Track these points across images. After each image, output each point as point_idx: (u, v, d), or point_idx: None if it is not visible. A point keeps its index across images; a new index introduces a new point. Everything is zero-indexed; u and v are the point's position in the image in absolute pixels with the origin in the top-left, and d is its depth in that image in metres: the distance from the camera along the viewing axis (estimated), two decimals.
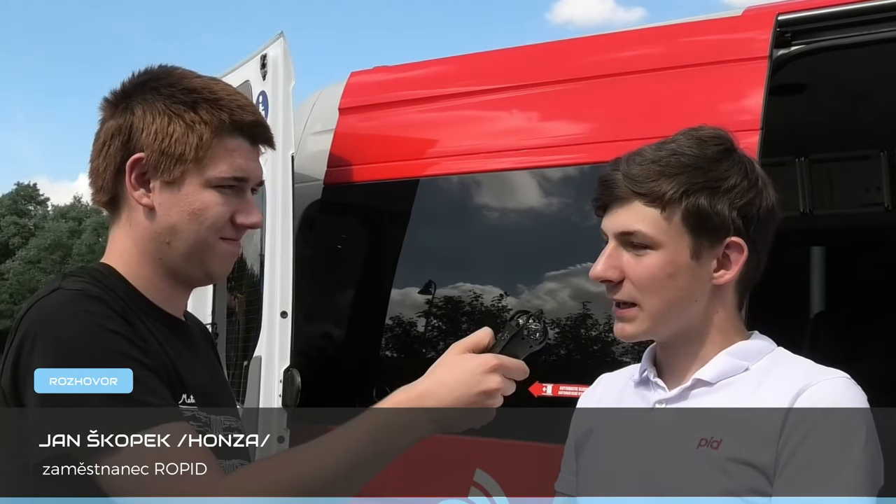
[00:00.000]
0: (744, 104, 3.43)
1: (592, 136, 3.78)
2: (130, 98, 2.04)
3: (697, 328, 2.04)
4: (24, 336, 1.89)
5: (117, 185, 2.04)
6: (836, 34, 3.45)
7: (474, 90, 4.22)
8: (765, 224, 2.03)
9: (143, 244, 2.04)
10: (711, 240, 1.98)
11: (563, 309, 3.74)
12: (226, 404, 2.16)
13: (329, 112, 4.50)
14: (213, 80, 2.10)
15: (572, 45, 4.22)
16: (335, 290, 4.42)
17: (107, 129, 2.05)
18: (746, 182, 2.00)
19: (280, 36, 4.25)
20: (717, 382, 2.00)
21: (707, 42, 3.73)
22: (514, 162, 3.95)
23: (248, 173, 2.05)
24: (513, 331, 1.89)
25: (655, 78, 3.70)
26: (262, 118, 2.14)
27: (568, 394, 3.51)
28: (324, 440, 1.84)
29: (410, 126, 4.31)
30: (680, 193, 1.96)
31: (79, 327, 1.87)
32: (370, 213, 4.41)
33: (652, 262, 1.98)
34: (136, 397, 1.82)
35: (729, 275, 2.00)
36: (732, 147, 2.05)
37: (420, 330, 4.07)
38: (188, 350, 2.09)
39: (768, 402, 1.91)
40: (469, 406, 1.84)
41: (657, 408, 2.05)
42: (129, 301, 1.98)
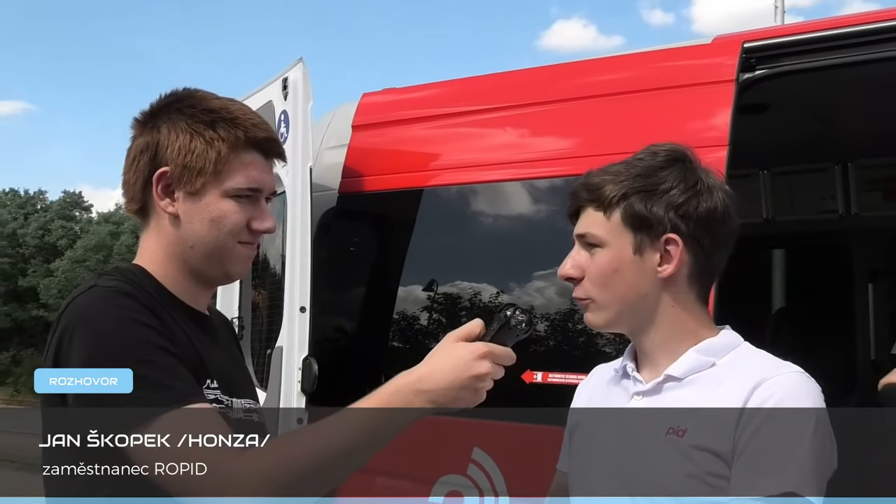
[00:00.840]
0: (713, 122, 3.41)
1: (576, 151, 3.77)
2: (157, 118, 2.05)
3: (653, 321, 2.04)
4: (65, 329, 1.90)
5: (146, 196, 2.05)
6: (795, 60, 3.44)
7: (472, 110, 4.22)
8: (707, 224, 2.01)
9: (170, 248, 2.05)
10: (650, 236, 1.99)
11: (551, 304, 3.73)
12: (246, 389, 2.16)
13: (343, 129, 4.49)
14: (230, 101, 2.10)
15: (558, 70, 4.21)
16: (348, 287, 4.42)
17: (136, 146, 2.06)
18: (683, 185, 2.00)
19: (300, 61, 4.25)
20: (685, 378, 2.00)
21: (680, 67, 3.71)
22: (506, 174, 3.94)
23: (262, 184, 2.05)
24: (501, 321, 1.90)
25: (633, 99, 3.69)
26: (275, 135, 2.14)
27: (556, 381, 3.50)
28: (333, 419, 1.84)
29: (415, 141, 4.31)
30: (619, 197, 1.99)
31: (113, 320, 1.87)
32: (379, 219, 4.40)
33: (601, 259, 2.01)
34: (164, 382, 1.83)
35: (670, 268, 2.00)
36: (682, 158, 2.05)
37: (423, 323, 4.07)
38: (211, 341, 2.09)
39: (729, 396, 1.92)
40: (461, 388, 1.84)
41: (634, 398, 2.06)
42: (158, 297, 1.99)
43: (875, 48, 3.29)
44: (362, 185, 4.32)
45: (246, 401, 2.10)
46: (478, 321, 1.90)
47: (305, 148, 4.12)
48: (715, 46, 3.64)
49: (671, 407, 1.98)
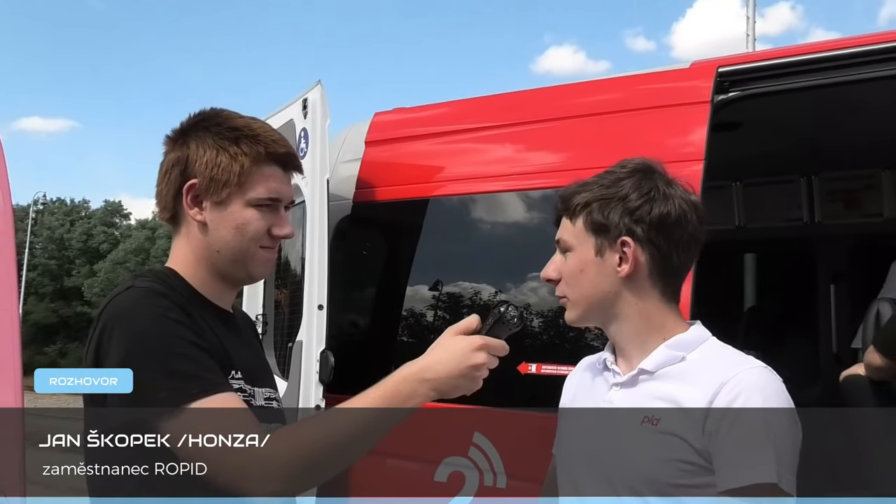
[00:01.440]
0: (690, 139, 3.41)
1: (566, 165, 3.77)
2: (186, 135, 2.06)
3: (618, 316, 2.05)
4: (105, 325, 1.91)
5: (177, 205, 2.05)
6: (764, 83, 3.45)
7: (472, 127, 4.22)
8: (660, 227, 2.01)
9: (198, 252, 2.05)
10: (608, 240, 2.01)
11: (543, 303, 3.73)
12: (266, 379, 2.16)
13: (357, 144, 4.50)
14: (253, 119, 2.11)
15: (550, 92, 4.22)
16: (361, 287, 4.42)
17: (168, 160, 2.06)
18: (637, 193, 2.01)
19: (318, 83, 4.25)
20: (657, 371, 2.00)
21: (661, 89, 3.71)
22: (503, 185, 3.94)
23: (281, 194, 2.06)
24: (496, 317, 1.92)
25: (618, 118, 3.70)
26: (293, 149, 2.14)
27: (549, 372, 3.50)
28: (346, 406, 1.86)
29: (422, 156, 4.31)
30: (582, 205, 2.02)
31: (148, 318, 1.88)
32: (390, 225, 4.41)
33: (570, 261, 2.05)
34: (194, 373, 1.84)
35: (627, 267, 2.01)
36: (644, 169, 2.06)
37: (429, 319, 4.07)
38: (235, 336, 2.09)
39: (698, 390, 1.92)
40: (461, 377, 1.86)
41: (613, 389, 2.06)
42: (188, 297, 2.00)
43: (836, 73, 3.29)
44: (374, 195, 4.33)
45: (266, 390, 2.11)
46: (475, 317, 1.92)
47: (323, 161, 4.12)
48: (692, 71, 3.64)
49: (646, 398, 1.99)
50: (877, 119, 4.45)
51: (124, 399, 1.84)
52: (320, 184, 4.09)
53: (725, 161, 3.96)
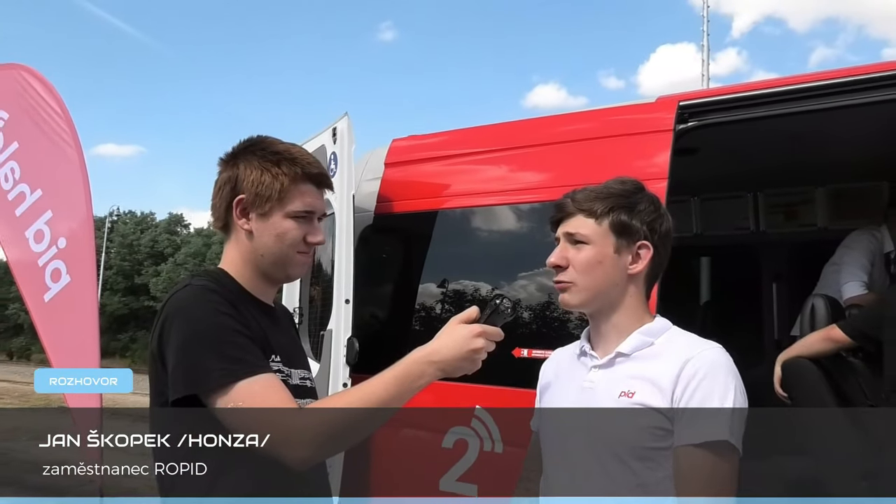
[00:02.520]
0: (656, 161, 3.40)
1: (550, 183, 3.76)
2: (236, 158, 2.06)
3: (615, 305, 2.05)
4: (166, 317, 1.91)
5: (228, 216, 2.06)
6: (719, 115, 3.44)
7: (473, 151, 4.21)
8: (665, 238, 2.06)
9: (245, 256, 2.05)
10: (628, 241, 2.02)
11: (532, 297, 3.72)
12: (301, 362, 2.16)
13: (378, 165, 4.49)
14: (292, 145, 2.10)
15: (538, 122, 4.21)
16: (381, 284, 4.42)
17: (221, 179, 2.07)
18: (653, 207, 2.05)
19: (345, 115, 4.25)
20: (632, 354, 2.01)
21: (630, 119, 3.70)
22: (499, 199, 3.94)
23: (315, 208, 2.06)
24: (492, 308, 1.91)
25: (596, 143, 3.68)
26: (325, 170, 2.14)
27: (538, 355, 3.48)
28: (367, 383, 1.86)
29: (432, 175, 4.30)
30: (608, 209, 2.02)
31: (203, 311, 1.89)
32: (405, 233, 4.40)
33: (587, 253, 2.02)
34: (241, 357, 1.84)
35: (639, 267, 2.03)
36: (644, 188, 2.09)
37: (437, 311, 4.06)
38: (275, 326, 2.09)
39: (666, 367, 1.93)
40: (463, 359, 1.86)
41: (592, 371, 2.06)
42: (237, 293, 2.00)
43: (778, 106, 3.29)
44: (392, 208, 4.32)
45: (301, 371, 2.11)
46: (474, 308, 1.92)
47: (350, 180, 4.11)
48: (658, 104, 3.62)
49: (622, 377, 1.99)
50: (812, 145, 4.45)
51: (183, 378, 1.84)
52: (347, 199, 4.08)
53: (686, 180, 3.95)
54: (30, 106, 5.50)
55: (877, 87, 3.14)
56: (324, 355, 4.18)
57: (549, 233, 2.17)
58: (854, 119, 3.75)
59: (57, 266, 5.32)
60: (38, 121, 5.48)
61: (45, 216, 5.39)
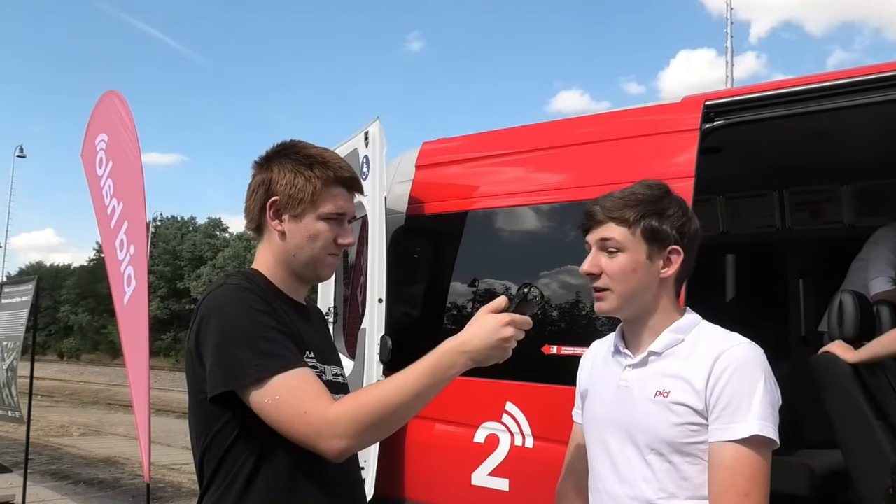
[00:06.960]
0: (682, 160, 3.35)
1: (574, 183, 3.72)
2: (270, 161, 2.07)
3: (649, 309, 2.05)
4: (204, 314, 1.92)
5: (261, 218, 2.06)
6: (744, 114, 3.39)
7: (500, 153, 4.18)
8: (693, 240, 2.06)
9: (278, 256, 2.06)
10: (660, 247, 2.02)
11: (561, 295, 3.69)
12: (334, 359, 2.17)
13: (409, 168, 4.48)
14: (324, 149, 2.11)
15: (562, 124, 4.15)
16: (413, 283, 4.41)
17: (255, 181, 2.08)
18: (681, 211, 2.04)
19: (377, 119, 4.25)
20: (664, 352, 2.01)
21: (657, 119, 3.65)
22: (527, 199, 3.91)
23: (346, 210, 2.06)
24: (520, 297, 1.91)
25: (624, 143, 3.64)
26: (356, 174, 2.15)
27: (567, 352, 3.45)
28: (397, 376, 1.86)
29: (461, 177, 4.28)
30: (639, 216, 2.01)
31: (238, 308, 1.89)
32: (435, 234, 4.38)
33: (621, 260, 2.01)
34: (276, 352, 1.85)
35: (671, 271, 2.03)
36: (670, 191, 2.09)
37: (468, 310, 4.03)
38: (308, 323, 2.09)
39: (698, 365, 1.94)
40: (493, 348, 1.84)
41: (627, 370, 2.07)
42: (270, 292, 2.00)
43: (803, 105, 3.24)
44: (423, 209, 4.31)
45: (334, 367, 2.11)
46: (503, 297, 1.91)
47: (381, 182, 4.12)
48: (683, 104, 3.58)
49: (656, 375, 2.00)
50: (836, 143, 4.40)
51: (221, 374, 1.84)
52: (379, 200, 4.08)
53: (711, 178, 3.91)
54: (118, 127, 5.85)
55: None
56: (358, 353, 4.18)
57: (577, 231, 2.16)
58: (879, 116, 3.69)
59: (129, 272, 5.66)
60: (121, 139, 5.81)
61: (124, 226, 5.75)
